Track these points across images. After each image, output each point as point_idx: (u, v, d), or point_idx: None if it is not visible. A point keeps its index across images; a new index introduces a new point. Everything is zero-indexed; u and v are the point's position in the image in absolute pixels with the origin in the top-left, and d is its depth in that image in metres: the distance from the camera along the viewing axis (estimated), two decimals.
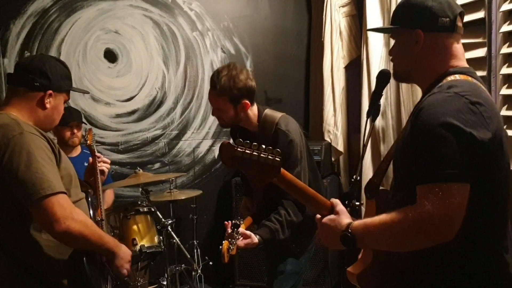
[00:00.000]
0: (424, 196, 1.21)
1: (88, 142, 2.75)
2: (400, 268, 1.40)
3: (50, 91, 1.80)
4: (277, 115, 2.36)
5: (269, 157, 1.39)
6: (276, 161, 1.40)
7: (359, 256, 1.58)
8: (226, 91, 2.20)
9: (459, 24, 1.44)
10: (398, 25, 1.48)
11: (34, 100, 1.78)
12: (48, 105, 1.80)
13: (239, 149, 1.36)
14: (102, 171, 2.34)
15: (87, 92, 3.81)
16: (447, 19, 1.40)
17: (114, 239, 1.87)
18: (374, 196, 1.52)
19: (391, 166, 1.53)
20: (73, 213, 1.63)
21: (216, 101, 2.25)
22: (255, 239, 2.17)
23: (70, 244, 1.70)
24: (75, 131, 3.22)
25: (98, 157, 2.37)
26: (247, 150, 1.37)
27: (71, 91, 1.95)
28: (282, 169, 1.44)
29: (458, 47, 1.45)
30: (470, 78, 1.38)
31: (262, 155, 1.38)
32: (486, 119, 1.25)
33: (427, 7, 1.41)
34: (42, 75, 1.78)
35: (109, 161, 2.42)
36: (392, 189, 1.50)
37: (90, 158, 2.40)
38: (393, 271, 1.43)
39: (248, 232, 2.18)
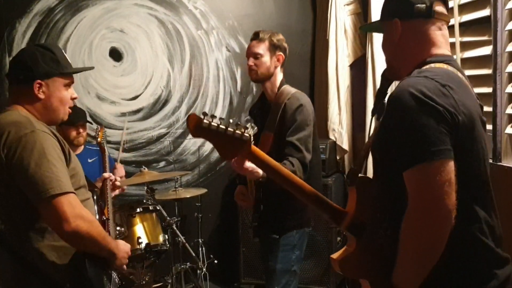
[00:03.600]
0: (409, 184, 1.25)
1: (99, 139, 2.76)
2: (382, 255, 1.40)
3: (38, 81, 1.75)
4: (294, 90, 2.56)
5: (237, 131, 1.43)
6: (245, 136, 1.43)
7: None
8: (267, 39, 2.50)
9: (438, 9, 1.45)
10: (381, 19, 1.52)
11: (26, 94, 1.75)
12: (41, 95, 1.76)
13: (205, 121, 1.40)
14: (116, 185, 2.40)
15: (91, 68, 3.39)
16: (423, 5, 1.43)
17: (113, 239, 1.86)
18: (354, 183, 1.52)
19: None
20: (82, 213, 1.62)
21: (257, 47, 2.50)
22: (259, 170, 2.17)
23: (76, 244, 1.68)
24: (81, 130, 3.23)
25: (112, 177, 2.40)
26: (214, 122, 1.41)
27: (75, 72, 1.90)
28: (253, 147, 1.48)
29: (438, 33, 1.46)
30: (445, 66, 1.38)
31: (229, 128, 1.42)
32: (457, 101, 1.26)
33: None
34: (23, 67, 1.75)
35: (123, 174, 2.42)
36: (373, 176, 1.52)
37: (105, 174, 2.40)
38: (376, 258, 1.43)
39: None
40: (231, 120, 1.44)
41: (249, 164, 2.11)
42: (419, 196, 1.24)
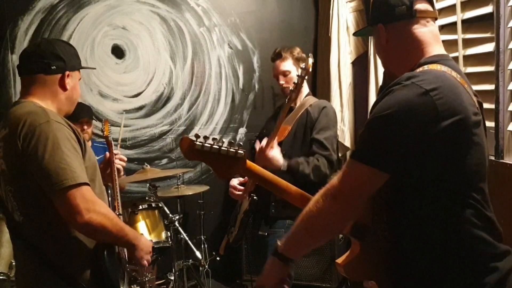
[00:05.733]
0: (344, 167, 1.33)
1: (105, 133, 2.76)
2: (384, 257, 1.41)
3: (68, 72, 1.80)
4: (319, 99, 2.69)
5: (231, 149, 1.45)
6: (240, 154, 1.46)
7: None
8: (289, 55, 2.65)
9: (420, 7, 1.45)
10: (368, 25, 1.55)
11: (53, 84, 1.78)
12: (68, 86, 1.80)
13: (198, 143, 1.43)
14: (117, 169, 2.34)
15: (94, 68, 3.98)
16: (403, 6, 1.44)
17: (134, 230, 1.86)
18: None
19: None
20: (95, 205, 1.62)
21: (282, 65, 2.64)
22: (281, 158, 2.33)
23: (90, 235, 1.70)
24: (85, 127, 3.23)
25: (115, 154, 2.37)
26: (207, 143, 1.43)
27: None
28: (248, 162, 1.50)
29: (425, 31, 1.45)
30: (439, 66, 1.36)
31: (223, 148, 1.45)
32: (439, 106, 1.23)
33: (384, 1, 1.47)
34: (56, 57, 1.78)
35: (125, 159, 2.40)
36: None
37: (107, 153, 2.39)
38: (379, 260, 1.44)
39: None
40: (224, 140, 1.47)
41: (272, 154, 2.29)
42: (340, 182, 1.31)
